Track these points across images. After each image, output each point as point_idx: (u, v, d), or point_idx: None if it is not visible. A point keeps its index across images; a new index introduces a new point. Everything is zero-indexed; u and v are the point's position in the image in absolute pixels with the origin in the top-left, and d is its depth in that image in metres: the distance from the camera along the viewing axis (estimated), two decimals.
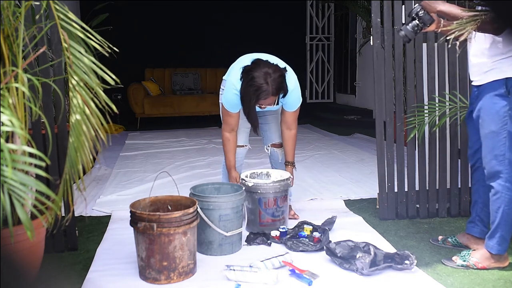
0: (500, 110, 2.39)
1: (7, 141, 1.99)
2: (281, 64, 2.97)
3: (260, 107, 2.95)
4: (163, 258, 2.33)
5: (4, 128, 1.64)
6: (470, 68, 2.57)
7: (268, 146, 3.32)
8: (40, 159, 1.69)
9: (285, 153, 3.26)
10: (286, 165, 3.24)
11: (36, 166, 1.71)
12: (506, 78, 2.37)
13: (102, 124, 2.04)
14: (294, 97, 3.02)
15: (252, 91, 2.77)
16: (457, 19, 2.30)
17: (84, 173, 4.07)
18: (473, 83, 2.56)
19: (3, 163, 1.55)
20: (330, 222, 3.01)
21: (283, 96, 2.92)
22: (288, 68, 2.97)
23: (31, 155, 1.83)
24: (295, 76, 3.03)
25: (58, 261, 2.69)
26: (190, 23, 8.80)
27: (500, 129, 2.40)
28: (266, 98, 2.80)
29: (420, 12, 2.47)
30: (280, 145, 3.28)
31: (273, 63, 2.86)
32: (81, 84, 1.99)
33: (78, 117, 1.97)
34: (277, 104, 2.93)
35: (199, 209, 2.57)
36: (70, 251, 2.82)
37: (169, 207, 2.63)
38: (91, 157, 2.04)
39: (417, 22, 2.48)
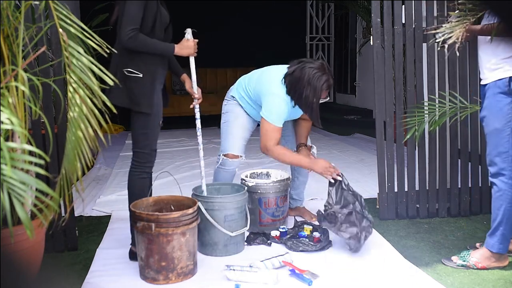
0: (504, 107, 2.40)
1: (7, 140, 1.99)
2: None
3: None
4: (162, 258, 2.33)
5: (3, 127, 1.64)
6: (479, 68, 2.57)
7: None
8: (40, 158, 1.69)
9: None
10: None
11: (36, 165, 1.70)
12: (510, 77, 2.37)
13: (101, 124, 2.03)
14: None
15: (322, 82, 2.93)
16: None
17: (84, 173, 4.06)
18: (481, 82, 2.56)
19: (2, 162, 1.55)
20: None
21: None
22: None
23: (31, 154, 1.83)
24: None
25: (58, 261, 2.69)
26: (189, 23, 8.73)
27: (504, 127, 2.41)
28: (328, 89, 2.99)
29: None
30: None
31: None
32: (80, 84, 1.99)
33: (75, 115, 1.97)
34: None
35: (203, 210, 2.57)
36: (70, 251, 2.82)
37: (172, 208, 2.63)
38: (90, 156, 2.04)
39: None
